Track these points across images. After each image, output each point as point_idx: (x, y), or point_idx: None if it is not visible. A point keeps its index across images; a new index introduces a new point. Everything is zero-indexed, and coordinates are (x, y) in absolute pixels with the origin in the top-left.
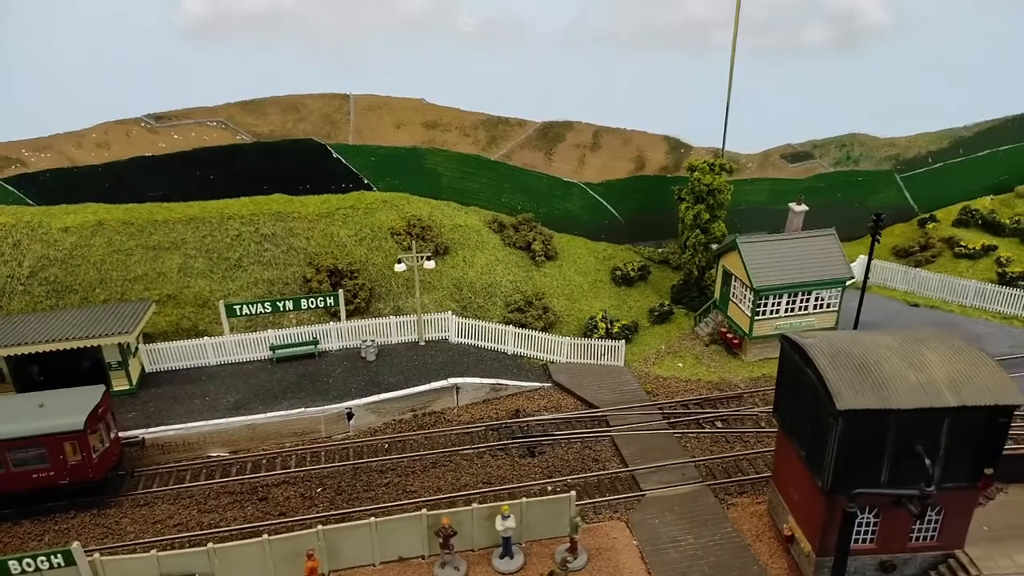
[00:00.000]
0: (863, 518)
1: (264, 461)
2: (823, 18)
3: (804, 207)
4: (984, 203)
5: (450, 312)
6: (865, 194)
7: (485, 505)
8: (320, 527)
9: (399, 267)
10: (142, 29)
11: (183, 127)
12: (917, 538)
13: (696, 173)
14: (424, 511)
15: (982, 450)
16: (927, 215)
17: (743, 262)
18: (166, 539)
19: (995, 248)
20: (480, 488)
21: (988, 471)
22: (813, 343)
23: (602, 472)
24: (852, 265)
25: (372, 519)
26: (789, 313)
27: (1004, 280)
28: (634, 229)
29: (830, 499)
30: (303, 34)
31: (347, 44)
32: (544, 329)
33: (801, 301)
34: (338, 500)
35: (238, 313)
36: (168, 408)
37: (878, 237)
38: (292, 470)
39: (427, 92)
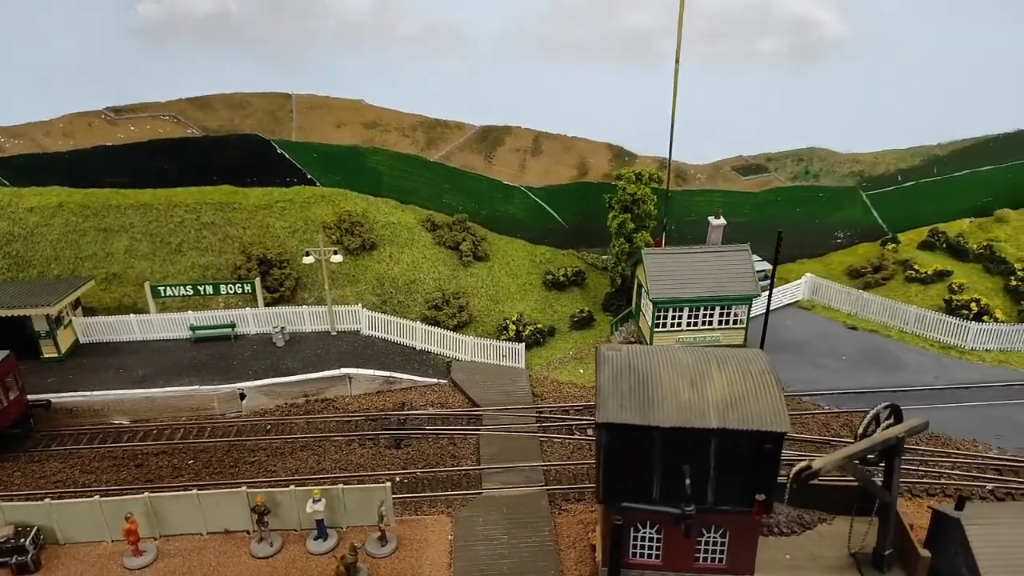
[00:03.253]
0: (646, 533)
1: (154, 431)
2: (775, 29)
3: (722, 221)
4: (962, 226)
5: (360, 305)
6: (828, 211)
7: (302, 488)
8: (147, 494)
9: (307, 259)
10: (101, 29)
11: (139, 120)
12: (704, 559)
13: (622, 182)
14: (244, 488)
15: (754, 475)
16: (889, 235)
17: (644, 272)
18: (42, 493)
19: (950, 273)
20: (335, 473)
21: (759, 497)
22: (608, 355)
23: (453, 468)
24: (798, 283)
25: (195, 491)
26: (692, 327)
27: (950, 308)
28: (578, 235)
29: (606, 511)
30: (247, 37)
31: (289, 47)
32: (456, 328)
33: (705, 315)
34: (203, 473)
35: (162, 295)
36: (84, 377)
37: (779, 256)
38: (173, 442)
39: (367, 94)
